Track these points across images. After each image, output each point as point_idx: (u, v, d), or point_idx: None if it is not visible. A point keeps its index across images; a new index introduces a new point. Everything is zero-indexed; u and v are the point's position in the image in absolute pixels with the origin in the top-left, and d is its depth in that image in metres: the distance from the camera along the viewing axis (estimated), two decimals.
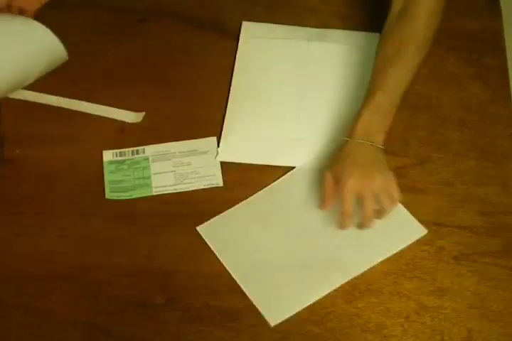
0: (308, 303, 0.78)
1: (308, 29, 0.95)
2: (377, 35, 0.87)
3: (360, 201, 0.75)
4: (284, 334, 0.77)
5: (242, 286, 0.79)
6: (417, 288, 0.79)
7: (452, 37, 0.94)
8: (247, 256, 0.81)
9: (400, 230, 0.80)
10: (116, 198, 0.85)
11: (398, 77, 0.79)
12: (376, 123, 0.78)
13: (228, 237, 0.82)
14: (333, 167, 0.78)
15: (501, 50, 0.93)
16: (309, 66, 0.93)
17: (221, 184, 0.85)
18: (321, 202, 0.80)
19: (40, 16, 0.99)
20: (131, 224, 0.84)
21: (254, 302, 0.78)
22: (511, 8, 0.98)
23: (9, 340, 0.79)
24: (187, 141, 0.88)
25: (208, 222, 0.83)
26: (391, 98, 0.79)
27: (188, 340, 0.78)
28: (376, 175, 0.76)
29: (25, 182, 0.87)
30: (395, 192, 0.76)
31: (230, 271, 0.80)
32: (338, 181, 0.76)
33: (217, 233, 0.82)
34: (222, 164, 0.87)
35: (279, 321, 0.77)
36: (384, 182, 0.76)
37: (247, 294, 0.79)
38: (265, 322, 0.77)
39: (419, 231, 0.81)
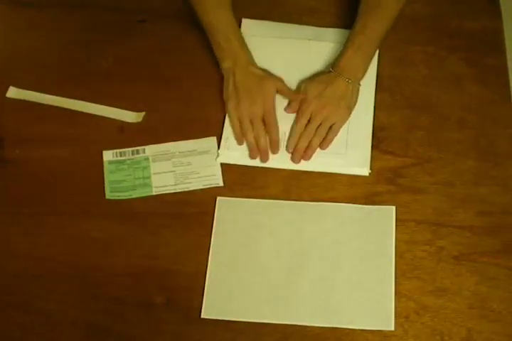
0: (253, 320, 0.78)
1: (308, 27, 0.96)
2: None
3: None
4: (285, 334, 0.77)
5: (208, 270, 0.80)
6: (417, 288, 0.79)
7: (452, 37, 0.94)
8: (237, 252, 0.81)
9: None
10: (116, 198, 0.85)
11: (378, 24, 0.88)
12: (357, 61, 0.87)
13: (236, 223, 0.83)
14: (308, 85, 0.87)
15: (501, 50, 0.93)
16: (310, 65, 0.93)
17: (221, 184, 0.85)
18: (289, 105, 0.88)
19: (40, 16, 0.99)
20: (131, 224, 0.84)
21: (206, 290, 0.79)
22: (511, 8, 0.98)
23: (9, 340, 0.79)
24: (187, 141, 0.88)
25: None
26: (371, 41, 0.88)
27: (188, 340, 0.78)
28: (334, 108, 0.86)
29: (25, 182, 0.87)
30: (338, 126, 0.86)
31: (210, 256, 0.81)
32: (304, 98, 0.87)
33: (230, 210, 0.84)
34: (223, 164, 0.87)
35: (210, 316, 0.78)
36: (337, 116, 0.86)
37: (207, 280, 0.79)
38: (264, 324, 0.78)
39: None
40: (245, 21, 0.96)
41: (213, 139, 0.88)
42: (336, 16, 0.97)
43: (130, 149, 0.88)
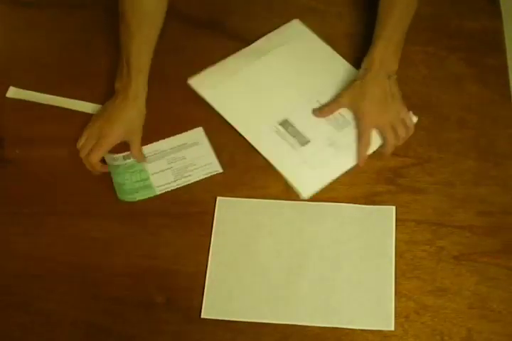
0: (253, 320, 0.78)
1: (241, 52, 0.94)
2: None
3: (380, 132, 0.86)
4: (285, 334, 0.77)
5: (208, 271, 0.80)
6: (417, 288, 0.79)
7: (452, 37, 0.94)
8: (237, 252, 0.81)
9: None
10: (126, 200, 0.84)
11: (403, 16, 0.87)
12: (390, 54, 0.85)
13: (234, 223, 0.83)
14: (351, 96, 0.86)
15: (501, 50, 0.93)
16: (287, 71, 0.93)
17: (220, 170, 0.86)
18: (322, 110, 0.88)
19: (40, 16, 0.99)
20: (131, 224, 0.84)
21: (206, 290, 0.79)
22: (511, 8, 0.98)
23: (9, 340, 0.79)
24: (174, 137, 0.88)
25: None
26: (400, 32, 0.87)
27: (188, 340, 0.78)
28: (392, 107, 0.85)
29: (25, 182, 0.87)
30: (409, 120, 0.86)
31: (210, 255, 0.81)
32: (355, 112, 0.86)
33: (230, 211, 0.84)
34: (223, 163, 0.86)
35: (210, 316, 0.78)
36: (399, 113, 0.85)
37: (207, 280, 0.79)
38: (264, 324, 0.78)
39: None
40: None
41: (200, 130, 0.88)
42: (335, 16, 0.97)
43: (121, 155, 0.86)
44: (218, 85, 0.91)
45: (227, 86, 0.91)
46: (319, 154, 0.87)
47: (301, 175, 0.85)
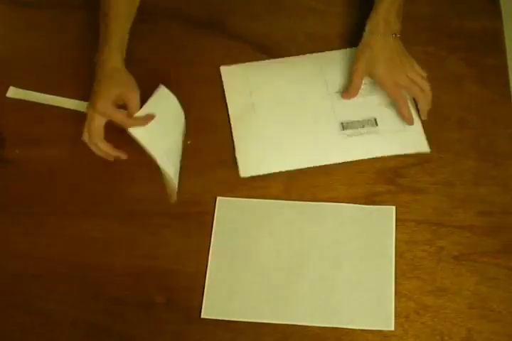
0: (253, 320, 0.78)
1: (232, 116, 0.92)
2: None
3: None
4: (285, 334, 0.77)
5: (208, 273, 0.80)
6: (417, 288, 0.79)
7: (452, 37, 0.94)
8: (237, 252, 0.81)
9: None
10: None
11: None
12: (394, 14, 0.86)
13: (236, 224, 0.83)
14: (364, 64, 0.86)
15: (501, 50, 0.93)
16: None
17: None
18: (350, 90, 0.88)
19: (40, 16, 0.99)
20: (131, 224, 0.84)
21: (206, 290, 0.79)
22: (511, 8, 0.98)
23: (9, 340, 0.79)
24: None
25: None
26: None
27: (188, 340, 0.78)
28: (405, 64, 0.86)
29: (25, 182, 0.87)
30: (422, 71, 0.87)
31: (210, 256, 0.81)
32: (373, 78, 0.87)
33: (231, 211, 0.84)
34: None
35: (210, 316, 0.78)
36: (413, 67, 0.87)
37: (207, 280, 0.79)
38: (264, 324, 0.78)
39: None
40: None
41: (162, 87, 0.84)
42: (335, 16, 0.97)
43: None
44: (263, 155, 0.87)
45: (271, 149, 0.87)
46: (392, 119, 0.88)
47: (406, 143, 0.86)
